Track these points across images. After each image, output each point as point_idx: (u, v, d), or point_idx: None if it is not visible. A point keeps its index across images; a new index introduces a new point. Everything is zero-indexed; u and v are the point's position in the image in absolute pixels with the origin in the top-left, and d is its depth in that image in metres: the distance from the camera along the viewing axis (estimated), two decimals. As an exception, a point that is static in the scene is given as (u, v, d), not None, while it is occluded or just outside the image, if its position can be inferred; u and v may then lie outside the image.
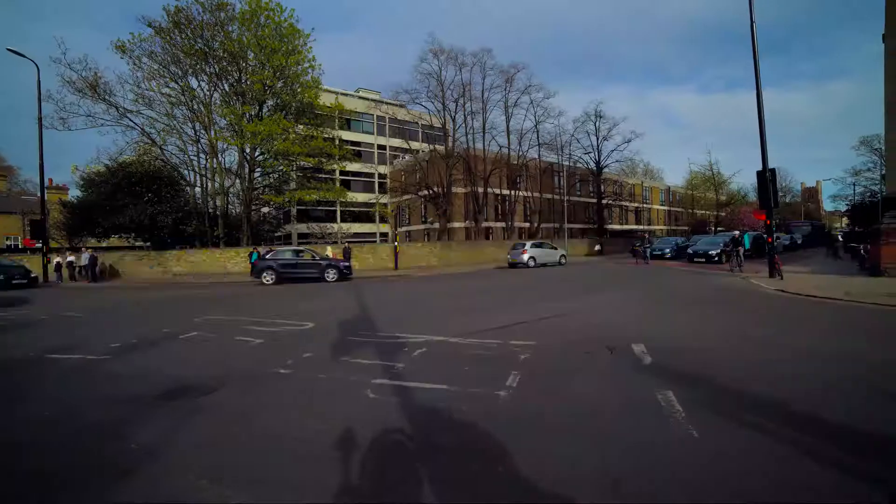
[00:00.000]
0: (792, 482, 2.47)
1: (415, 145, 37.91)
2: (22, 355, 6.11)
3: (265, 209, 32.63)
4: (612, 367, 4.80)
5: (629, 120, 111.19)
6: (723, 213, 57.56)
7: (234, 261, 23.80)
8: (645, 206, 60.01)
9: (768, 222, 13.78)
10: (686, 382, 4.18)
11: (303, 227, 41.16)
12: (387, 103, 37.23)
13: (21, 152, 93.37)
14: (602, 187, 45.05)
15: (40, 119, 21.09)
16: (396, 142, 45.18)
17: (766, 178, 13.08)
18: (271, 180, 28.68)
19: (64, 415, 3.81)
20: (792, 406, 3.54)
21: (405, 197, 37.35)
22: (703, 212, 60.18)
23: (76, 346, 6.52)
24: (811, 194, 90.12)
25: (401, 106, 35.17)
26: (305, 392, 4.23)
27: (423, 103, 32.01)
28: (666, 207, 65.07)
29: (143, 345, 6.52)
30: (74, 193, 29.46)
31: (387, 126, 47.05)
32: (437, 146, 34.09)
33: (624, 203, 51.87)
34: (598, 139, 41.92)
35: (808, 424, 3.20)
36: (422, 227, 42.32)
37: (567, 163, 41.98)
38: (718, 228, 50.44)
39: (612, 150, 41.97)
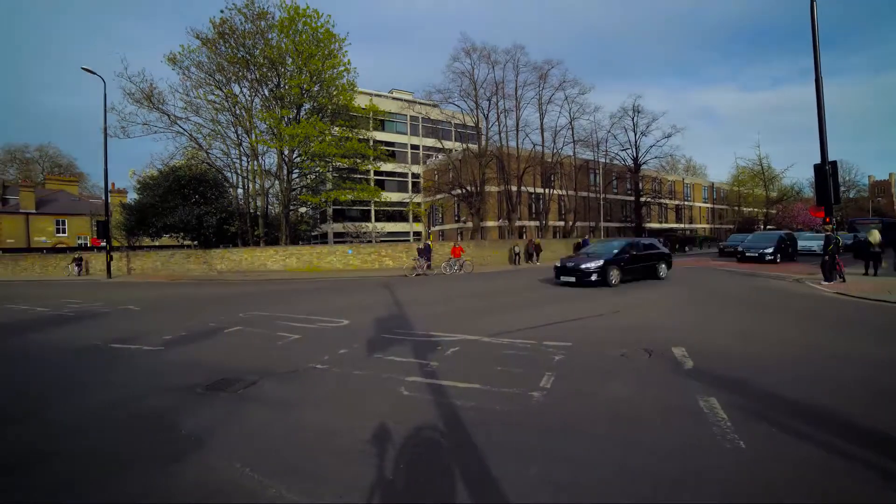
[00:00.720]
0: None
1: (448, 145, 38.02)
2: (90, 344, 6.64)
3: (303, 209, 33.71)
4: (651, 371, 4.63)
5: (669, 115, 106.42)
6: (773, 211, 53.93)
7: (274, 259, 24.81)
8: (686, 203, 57.37)
9: (827, 220, 12.80)
10: (731, 389, 3.96)
11: (338, 227, 42.20)
12: (420, 103, 37.54)
13: (90, 160, 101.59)
14: (640, 184, 43.41)
15: (105, 129, 22.81)
16: (430, 141, 45.55)
17: (825, 171, 12.14)
18: (308, 181, 29.63)
19: (123, 400, 4.10)
20: (852, 418, 3.29)
21: (438, 196, 37.54)
22: (751, 209, 56.78)
23: (134, 337, 7.01)
24: (882, 188, 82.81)
25: (434, 106, 35.35)
26: (340, 388, 4.35)
27: (455, 102, 32.07)
28: (709, 205, 61.98)
29: (192, 337, 6.91)
30: (132, 196, 31.61)
31: (420, 126, 47.44)
32: (469, 145, 34.05)
33: (663, 201, 49.72)
34: (635, 135, 40.46)
35: (869, 439, 2.96)
36: (455, 225, 42.41)
37: (603, 160, 40.76)
38: (768, 227, 47.30)
39: (651, 146, 40.39)
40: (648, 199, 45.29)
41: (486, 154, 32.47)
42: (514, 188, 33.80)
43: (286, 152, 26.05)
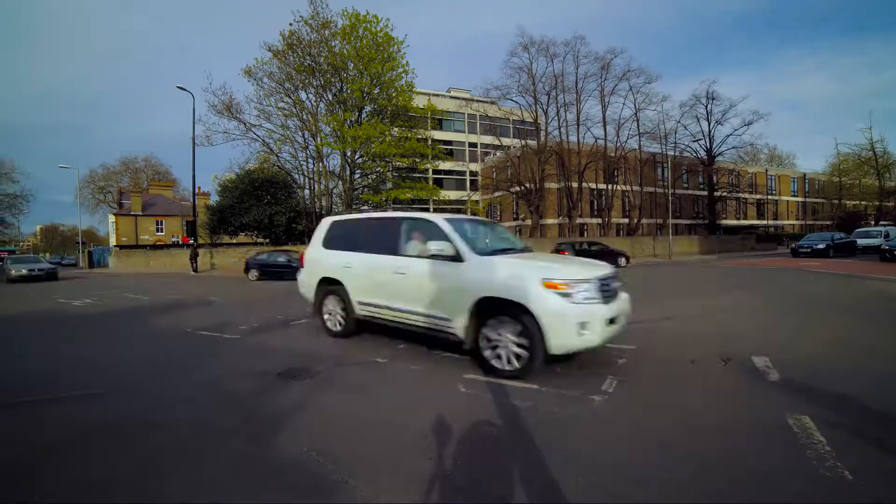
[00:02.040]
0: None
1: (506, 141, 37.59)
2: (181, 331, 7.43)
3: (364, 208, 35.10)
4: (729, 381, 4.25)
5: (749, 101, 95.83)
6: (889, 203, 46.22)
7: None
8: (770, 197, 51.80)
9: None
10: (828, 406, 3.51)
11: (399, 225, 43.32)
12: (477, 101, 37.49)
13: (182, 167, 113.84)
14: (714, 178, 39.95)
15: (193, 138, 25.37)
16: (487, 139, 45.36)
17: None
18: (369, 181, 30.81)
19: (210, 381, 4.53)
20: None
21: (496, 194, 37.26)
22: (857, 202, 49.43)
23: (216, 325, 7.72)
24: None
25: (491, 103, 35.12)
26: (399, 382, 4.46)
27: (513, 98, 31.63)
28: (799, 199, 55.48)
29: (264, 328, 7.47)
30: (214, 198, 34.83)
31: (477, 123, 47.35)
32: (528, 141, 33.44)
33: (742, 195, 45.12)
34: (709, 124, 37.38)
35: None
36: (513, 223, 41.88)
37: (672, 152, 37.91)
38: (882, 223, 40.24)
39: (728, 136, 37.04)
40: (724, 194, 41.55)
41: (546, 150, 31.66)
42: (574, 184, 32.67)
43: (349, 153, 27.28)
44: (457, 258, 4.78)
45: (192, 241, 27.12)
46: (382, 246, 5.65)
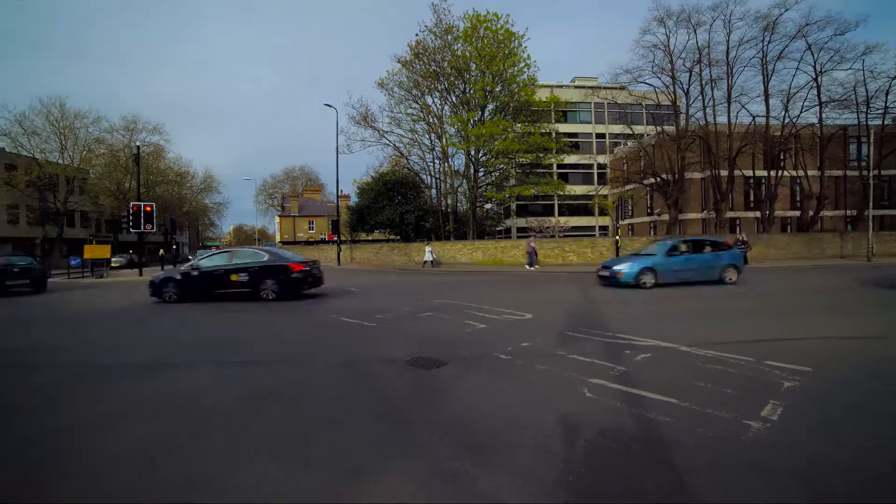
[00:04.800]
0: None
1: (638, 129, 34.12)
2: (329, 317, 8.60)
3: (488, 205, 35.74)
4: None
5: None
6: None
7: (462, 252, 27.17)
8: None
9: None
10: None
11: (521, 222, 43.09)
12: (605, 88, 34.84)
13: (328, 173, 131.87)
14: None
15: (337, 147, 29.10)
16: (616, 128, 42.00)
17: None
18: (493, 178, 31.23)
19: (350, 363, 5.15)
20: None
21: (628, 187, 34.14)
22: None
23: (355, 313, 8.73)
24: None
25: (621, 88, 32.20)
26: (522, 380, 4.44)
27: (646, 81, 28.16)
28: None
29: (396, 318, 8.17)
30: (354, 200, 39.28)
31: (605, 112, 44.18)
32: (664, 127, 29.81)
33: None
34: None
35: None
36: (647, 219, 38.12)
37: (881, 121, 27.69)
38: None
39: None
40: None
41: (686, 135, 27.73)
42: (724, 172, 27.96)
43: (472, 152, 28.06)
44: None
45: (336, 238, 31.14)
46: None
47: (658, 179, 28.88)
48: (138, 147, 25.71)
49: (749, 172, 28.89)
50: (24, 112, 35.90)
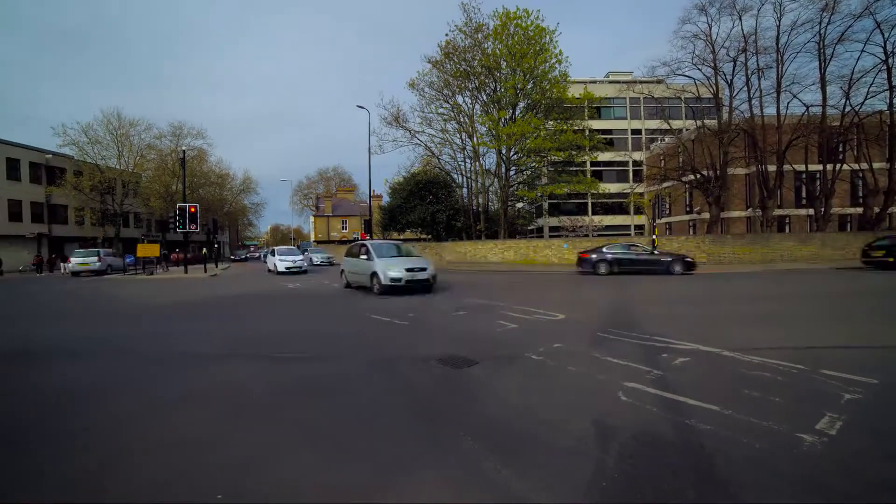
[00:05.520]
0: None
1: (676, 124, 32.76)
2: (362, 314, 8.78)
3: (519, 204, 35.40)
4: None
5: None
6: None
7: (493, 251, 27.05)
8: None
9: None
10: None
11: (554, 221, 42.41)
12: (641, 82, 33.72)
13: (360, 173, 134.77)
14: None
15: (369, 148, 29.59)
16: (653, 123, 40.55)
17: None
18: (524, 177, 30.91)
19: (384, 359, 5.24)
20: None
21: (665, 184, 32.80)
22: None
23: (389, 311, 8.86)
24: None
25: (658, 82, 30.95)
26: (554, 381, 4.37)
27: (686, 73, 26.84)
28: None
29: (428, 317, 8.23)
30: (386, 200, 39.87)
31: (641, 107, 42.80)
32: (705, 121, 28.39)
33: None
34: None
35: None
36: (686, 217, 36.63)
37: None
38: None
39: None
40: None
41: (730, 129, 26.32)
42: (772, 168, 26.34)
43: (504, 151, 27.85)
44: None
45: (368, 238, 31.72)
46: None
47: (698, 176, 27.58)
48: (184, 151, 27.19)
49: (801, 167, 27.05)
50: (89, 122, 38.80)
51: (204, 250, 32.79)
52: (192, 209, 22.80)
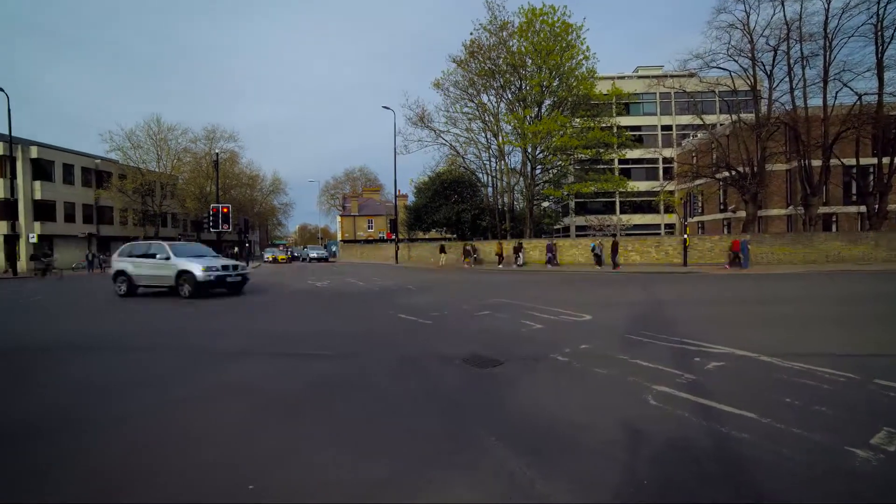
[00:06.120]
0: None
1: (709, 119, 31.31)
2: (387, 312, 8.87)
3: (545, 203, 34.99)
4: None
5: None
6: None
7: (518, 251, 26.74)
8: None
9: None
10: None
11: (580, 220, 41.64)
12: (672, 76, 32.47)
13: (385, 173, 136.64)
14: None
15: (395, 148, 29.93)
16: (685, 119, 39.18)
17: None
18: (550, 175, 30.49)
19: (408, 357, 5.26)
20: None
21: (697, 182, 31.51)
22: None
23: (413, 310, 8.91)
24: None
25: (690, 76, 29.64)
26: (580, 383, 4.28)
27: (720, 65, 25.56)
28: None
29: (452, 317, 8.23)
30: (411, 199, 40.17)
31: (672, 102, 41.43)
32: (741, 115, 27.06)
33: None
34: None
35: None
36: (719, 216, 35.22)
37: None
38: None
39: None
40: None
41: (769, 122, 24.95)
42: (815, 162, 24.84)
43: (529, 150, 27.54)
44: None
45: (394, 237, 32.02)
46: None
47: (733, 173, 26.34)
48: (217, 154, 28.20)
49: (850, 161, 25.35)
50: (132, 128, 40.95)
51: (236, 249, 33.94)
52: (225, 210, 23.62)
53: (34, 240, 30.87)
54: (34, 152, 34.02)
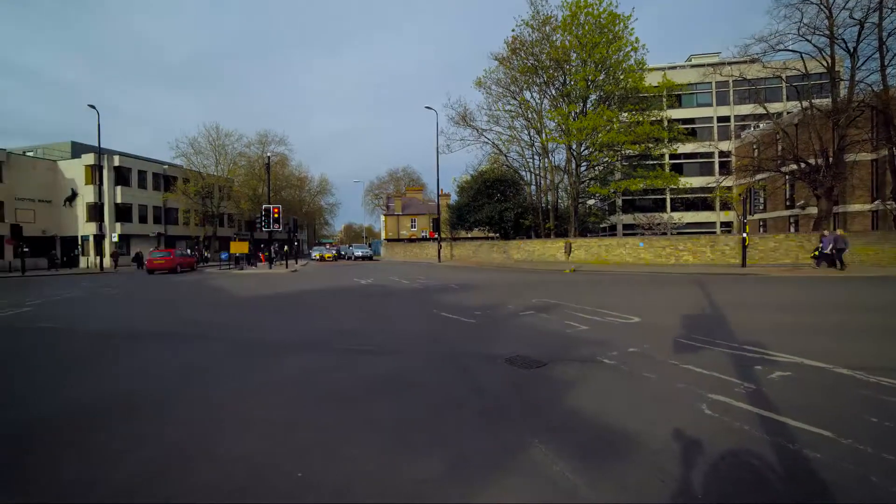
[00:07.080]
0: None
1: (773, 108, 28.67)
2: (430, 311, 8.96)
3: (591, 201, 33.93)
4: None
5: None
6: None
7: (562, 250, 26.14)
8: None
9: None
10: None
11: (628, 218, 40.05)
12: (730, 63, 30.20)
13: (428, 172, 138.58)
14: None
15: (437, 148, 30.12)
16: (744, 108, 36.35)
17: None
18: (596, 172, 29.52)
19: (450, 355, 5.29)
20: None
21: (759, 176, 29.13)
22: None
23: (454, 309, 8.93)
24: None
25: (751, 61, 27.18)
26: (629, 387, 4.11)
27: (788, 47, 23.22)
28: None
29: (495, 316, 8.17)
30: (454, 198, 40.32)
31: (730, 91, 38.81)
32: (813, 101, 24.57)
33: None
34: None
35: None
36: (785, 213, 32.55)
37: None
38: None
39: None
40: None
41: (849, 107, 22.23)
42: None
43: (574, 146, 26.79)
44: None
45: (436, 236, 32.29)
46: None
47: (802, 165, 23.99)
48: (269, 158, 29.68)
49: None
50: (195, 136, 44.29)
51: (286, 247, 35.62)
52: (276, 210, 24.89)
53: (115, 238, 34.85)
54: (117, 161, 37.79)
